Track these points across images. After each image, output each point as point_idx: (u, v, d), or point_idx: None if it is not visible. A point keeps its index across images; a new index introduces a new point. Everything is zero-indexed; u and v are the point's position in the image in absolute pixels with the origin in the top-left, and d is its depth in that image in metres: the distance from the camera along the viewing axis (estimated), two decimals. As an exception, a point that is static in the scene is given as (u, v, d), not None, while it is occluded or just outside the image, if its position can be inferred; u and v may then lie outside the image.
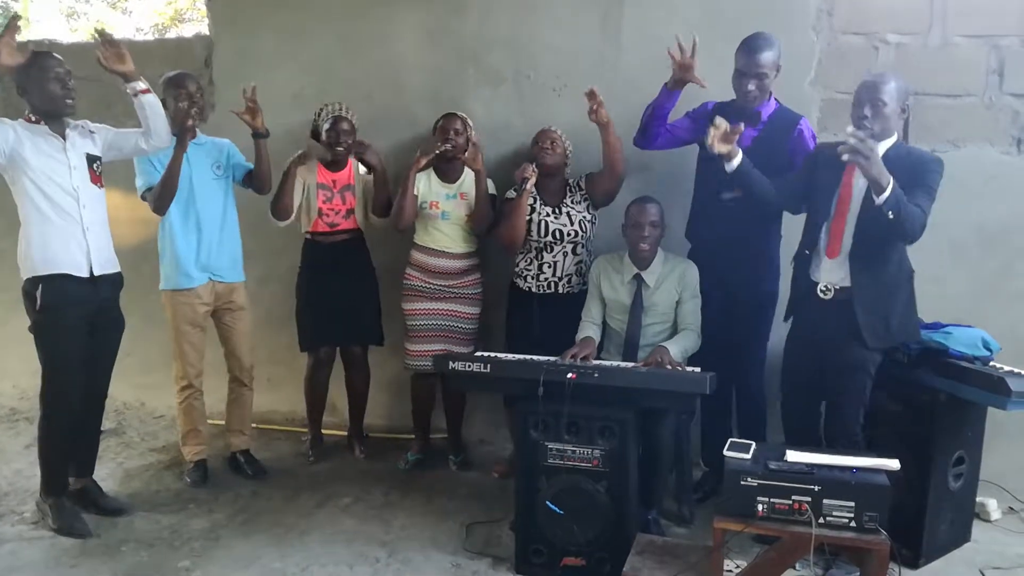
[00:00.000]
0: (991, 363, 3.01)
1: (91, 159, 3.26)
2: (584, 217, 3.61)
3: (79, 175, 3.20)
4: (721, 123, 2.97)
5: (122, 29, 12.22)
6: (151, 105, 3.29)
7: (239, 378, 3.87)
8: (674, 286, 3.33)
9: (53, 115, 3.18)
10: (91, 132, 3.31)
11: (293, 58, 4.25)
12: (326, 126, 3.76)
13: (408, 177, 3.67)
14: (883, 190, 2.64)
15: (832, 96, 3.66)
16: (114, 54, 3.17)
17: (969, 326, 3.12)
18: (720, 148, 2.99)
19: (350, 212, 3.85)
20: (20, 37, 3.00)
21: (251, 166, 3.73)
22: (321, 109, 3.84)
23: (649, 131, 3.43)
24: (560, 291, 3.63)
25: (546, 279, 3.62)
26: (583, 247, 3.64)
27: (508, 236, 3.59)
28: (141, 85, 3.25)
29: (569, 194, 3.65)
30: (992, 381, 2.83)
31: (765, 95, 3.26)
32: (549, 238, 3.59)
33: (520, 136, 3.92)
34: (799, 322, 3.12)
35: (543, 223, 3.60)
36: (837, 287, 2.93)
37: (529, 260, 3.66)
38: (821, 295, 2.96)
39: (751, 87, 3.21)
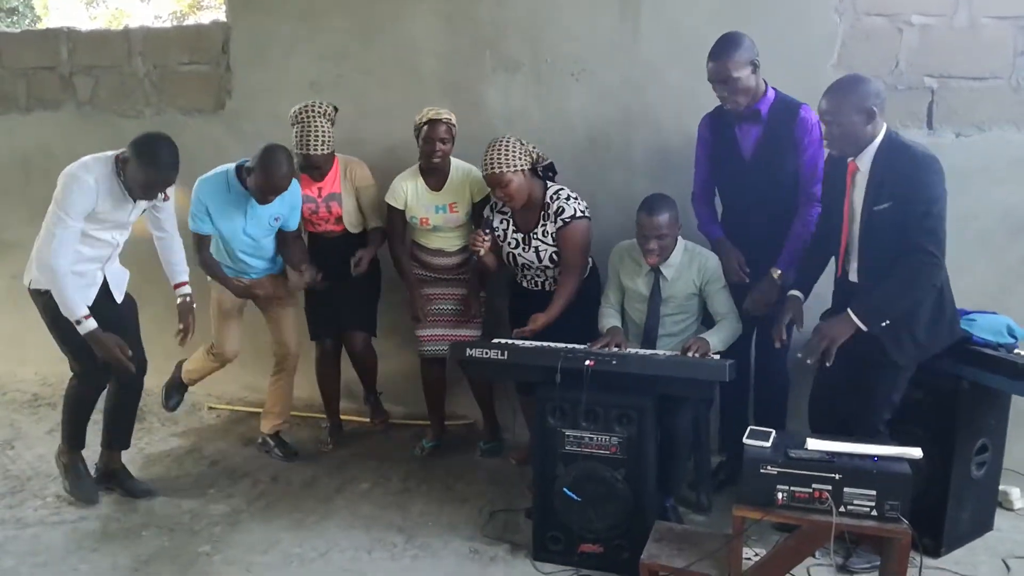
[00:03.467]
0: (1015, 350, 2.95)
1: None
2: (554, 251, 3.40)
3: (124, 232, 3.28)
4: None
5: (140, 16, 12.29)
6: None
7: (280, 364, 3.92)
8: (693, 277, 3.28)
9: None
10: (160, 208, 3.37)
11: (310, 44, 4.24)
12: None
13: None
14: (865, 327, 2.68)
15: (855, 79, 3.59)
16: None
17: (993, 313, 3.08)
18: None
19: (339, 220, 3.79)
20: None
21: (295, 228, 3.72)
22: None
23: (702, 214, 3.48)
24: (547, 289, 3.54)
25: (532, 279, 3.57)
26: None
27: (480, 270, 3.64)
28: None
29: (542, 223, 3.39)
30: (1017, 368, 2.79)
31: (745, 96, 3.16)
32: (518, 267, 3.53)
33: (537, 122, 3.89)
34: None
35: (511, 255, 3.49)
36: None
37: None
38: None
39: (724, 93, 3.15)
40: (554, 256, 3.41)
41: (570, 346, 3.09)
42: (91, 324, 3.08)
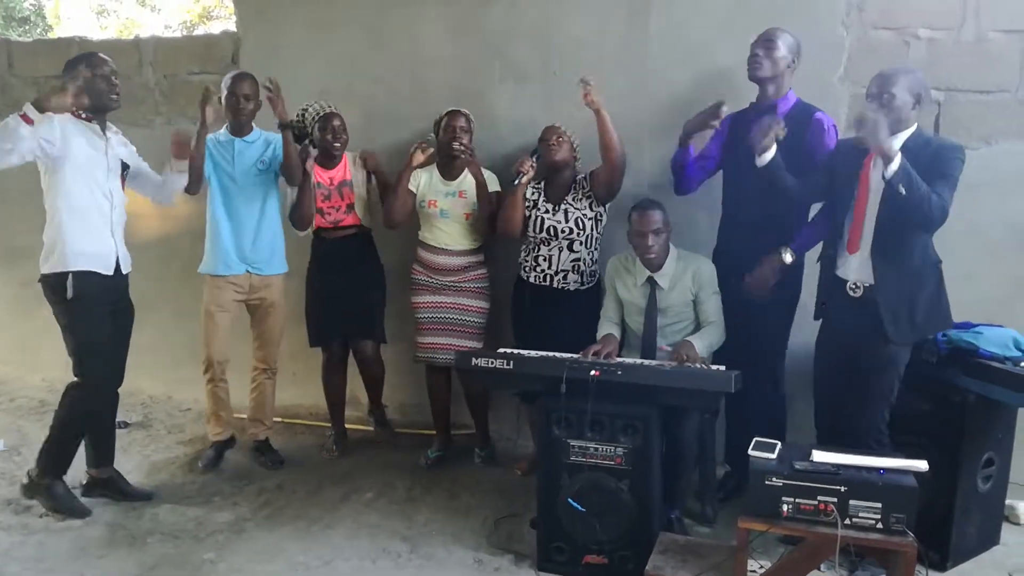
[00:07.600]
0: (1022, 363, 2.95)
1: (123, 166, 3.40)
2: (583, 215, 3.58)
3: (114, 177, 3.33)
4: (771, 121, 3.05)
5: (151, 26, 12.37)
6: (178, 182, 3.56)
7: (262, 368, 3.94)
8: (688, 285, 3.30)
9: (99, 110, 3.28)
10: (126, 144, 3.46)
11: (320, 53, 4.27)
12: (318, 126, 3.77)
13: (402, 175, 3.73)
14: (890, 161, 2.64)
15: (862, 92, 3.54)
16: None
17: (1000, 326, 3.07)
18: (764, 141, 3.05)
19: (351, 207, 3.85)
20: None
21: None
22: (303, 111, 3.82)
23: (680, 179, 3.51)
24: (555, 286, 3.63)
25: (541, 271, 3.64)
26: (583, 244, 3.61)
27: (502, 227, 3.66)
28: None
29: (573, 191, 3.62)
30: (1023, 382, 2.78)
31: (769, 67, 3.23)
32: (544, 234, 3.61)
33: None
34: (828, 320, 3.09)
35: (539, 219, 3.62)
36: (865, 284, 2.89)
37: (527, 252, 3.71)
38: (851, 292, 2.93)
39: (758, 52, 3.23)
40: (579, 220, 3.58)
41: (575, 356, 3.10)
42: (28, 107, 3.00)
